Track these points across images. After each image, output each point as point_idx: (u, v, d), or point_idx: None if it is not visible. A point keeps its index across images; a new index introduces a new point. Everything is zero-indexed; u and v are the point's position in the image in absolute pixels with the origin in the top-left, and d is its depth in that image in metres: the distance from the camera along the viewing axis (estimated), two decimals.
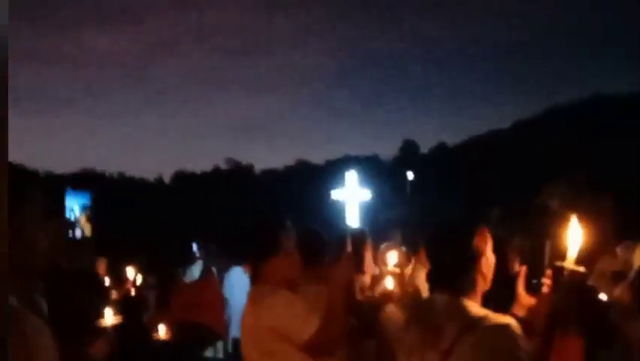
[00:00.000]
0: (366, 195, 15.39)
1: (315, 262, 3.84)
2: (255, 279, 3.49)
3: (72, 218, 12.48)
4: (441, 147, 72.88)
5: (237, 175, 75.07)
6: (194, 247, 10.49)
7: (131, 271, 7.37)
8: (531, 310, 2.84)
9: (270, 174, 75.81)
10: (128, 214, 58.59)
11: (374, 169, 61.79)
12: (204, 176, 77.12)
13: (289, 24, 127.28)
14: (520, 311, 2.90)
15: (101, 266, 7.95)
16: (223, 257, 10.20)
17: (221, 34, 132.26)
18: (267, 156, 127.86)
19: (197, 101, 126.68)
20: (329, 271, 3.46)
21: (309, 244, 3.74)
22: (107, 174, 77.19)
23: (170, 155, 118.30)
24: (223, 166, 79.61)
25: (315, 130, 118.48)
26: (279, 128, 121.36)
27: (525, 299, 2.91)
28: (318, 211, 16.20)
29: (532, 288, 2.94)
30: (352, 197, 15.15)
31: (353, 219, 14.43)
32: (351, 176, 15.45)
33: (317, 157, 75.91)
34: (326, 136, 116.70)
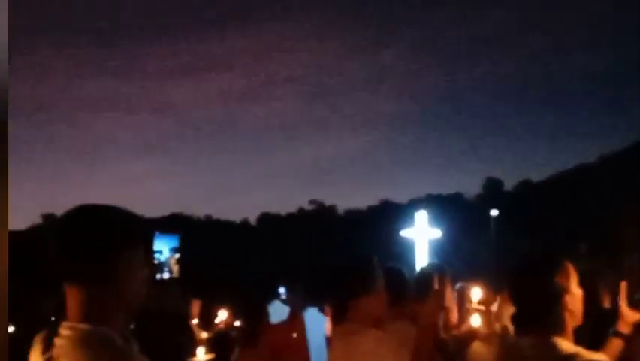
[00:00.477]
0: (436, 233, 15.43)
1: (399, 300, 3.85)
2: (340, 318, 3.51)
3: (161, 260, 12.80)
4: (525, 184, 71.71)
5: (321, 216, 75.36)
6: (282, 290, 10.55)
7: (220, 311, 7.49)
8: (636, 326, 2.77)
9: (353, 214, 75.84)
10: (215, 256, 59.47)
11: (457, 207, 61.10)
12: (289, 217, 77.68)
13: (371, 66, 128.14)
14: (625, 328, 2.83)
15: (195, 307, 8.09)
16: (305, 297, 10.26)
17: (304, 77, 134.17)
18: (350, 196, 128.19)
19: (281, 144, 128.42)
20: (417, 308, 3.45)
21: (392, 282, 3.75)
22: (194, 217, 78.56)
23: (255, 197, 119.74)
24: (307, 207, 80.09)
25: (397, 170, 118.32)
26: (362, 168, 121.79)
27: (629, 316, 2.83)
28: (399, 249, 16.22)
29: (635, 304, 2.86)
30: (422, 236, 15.22)
31: (422, 258, 14.51)
32: (421, 215, 15.55)
33: (400, 197, 75.44)
34: (409, 175, 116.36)
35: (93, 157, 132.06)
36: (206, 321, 7.56)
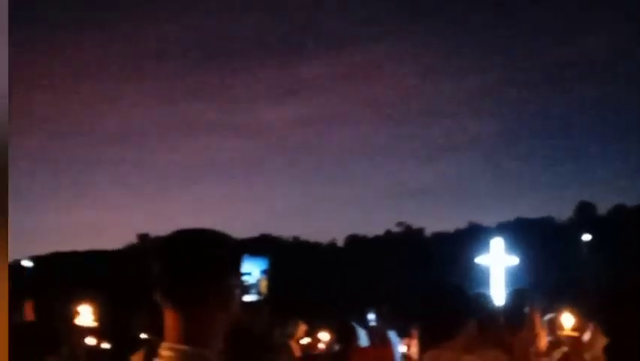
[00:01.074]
0: (512, 261, 15.24)
1: (486, 326, 3.81)
2: (432, 343, 3.49)
3: (250, 282, 13.02)
4: (619, 208, 69.60)
5: (408, 239, 74.88)
6: (372, 315, 10.54)
7: (321, 334, 7.54)
8: None
9: (440, 237, 75.05)
10: (303, 277, 59.76)
11: (548, 231, 59.77)
12: (376, 240, 77.45)
13: (458, 89, 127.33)
14: None
15: (300, 329, 8.18)
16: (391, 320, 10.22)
17: (394, 100, 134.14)
18: (438, 219, 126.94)
19: (369, 166, 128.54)
20: (506, 335, 3.42)
21: (480, 308, 3.72)
22: (283, 238, 79.21)
23: (343, 219, 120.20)
24: (394, 230, 79.72)
25: (487, 193, 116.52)
26: (450, 191, 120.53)
27: None
28: (483, 274, 16.02)
29: None
30: (497, 263, 15.07)
31: (498, 285, 14.36)
32: (497, 242, 15.45)
33: (489, 220, 74.23)
34: (498, 198, 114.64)
35: (185, 179, 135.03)
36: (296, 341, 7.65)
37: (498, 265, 15.12)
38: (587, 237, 46.07)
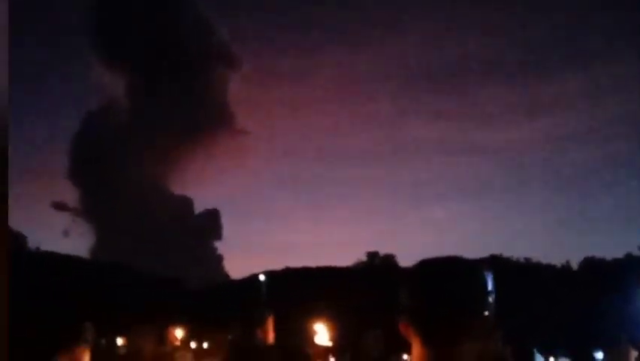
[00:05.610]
0: None
1: None
2: None
3: None
4: None
5: None
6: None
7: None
8: None
9: None
10: (532, 300, 58.03)
11: None
12: (615, 262, 73.44)
13: None
14: None
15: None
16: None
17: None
18: None
19: (608, 186, 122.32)
20: None
21: None
22: (513, 259, 77.41)
23: (578, 241, 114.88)
24: (636, 253, 75.02)
25: None
26: None
27: None
28: None
29: None
30: None
31: None
32: None
33: None
34: None
35: (414, 197, 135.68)
36: None
37: None
38: None
